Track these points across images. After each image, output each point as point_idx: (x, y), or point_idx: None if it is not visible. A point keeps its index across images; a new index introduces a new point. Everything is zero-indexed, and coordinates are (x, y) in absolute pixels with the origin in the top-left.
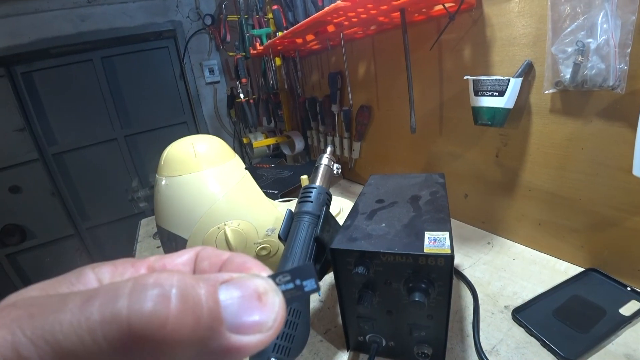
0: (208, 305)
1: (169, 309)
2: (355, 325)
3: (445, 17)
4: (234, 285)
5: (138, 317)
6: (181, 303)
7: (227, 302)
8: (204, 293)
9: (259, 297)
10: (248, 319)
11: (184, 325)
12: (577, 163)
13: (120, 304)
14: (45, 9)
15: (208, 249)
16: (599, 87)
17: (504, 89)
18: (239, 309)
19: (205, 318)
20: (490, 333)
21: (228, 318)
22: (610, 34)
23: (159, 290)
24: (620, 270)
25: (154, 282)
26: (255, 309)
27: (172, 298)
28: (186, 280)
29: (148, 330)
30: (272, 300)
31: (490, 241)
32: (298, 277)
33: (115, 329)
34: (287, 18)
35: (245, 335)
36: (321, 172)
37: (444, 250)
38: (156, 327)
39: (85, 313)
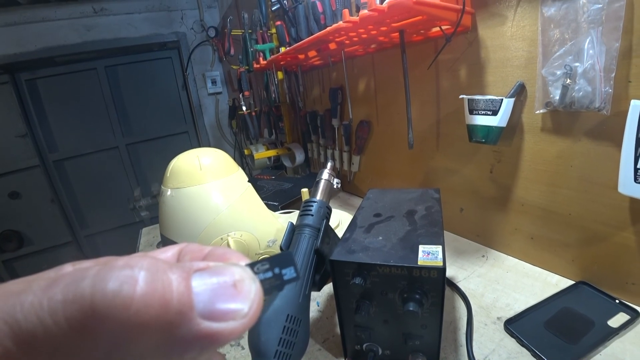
0: (178, 290)
1: (134, 290)
2: (352, 334)
3: (442, 38)
4: (209, 273)
5: (101, 296)
6: (148, 285)
7: (200, 289)
8: (175, 278)
9: (234, 284)
10: (221, 306)
11: (150, 307)
12: (567, 180)
13: (84, 284)
14: (52, 18)
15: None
16: (586, 108)
17: (497, 108)
18: (212, 296)
19: (175, 302)
20: (482, 343)
21: (200, 304)
22: (596, 59)
23: (126, 271)
24: (609, 284)
25: (122, 264)
26: (229, 296)
27: (139, 280)
28: (158, 264)
29: (111, 311)
30: (247, 288)
31: (485, 254)
32: (277, 265)
33: (77, 309)
34: (290, 34)
35: (218, 322)
36: (322, 187)
37: (436, 262)
38: (120, 308)
39: (49, 294)
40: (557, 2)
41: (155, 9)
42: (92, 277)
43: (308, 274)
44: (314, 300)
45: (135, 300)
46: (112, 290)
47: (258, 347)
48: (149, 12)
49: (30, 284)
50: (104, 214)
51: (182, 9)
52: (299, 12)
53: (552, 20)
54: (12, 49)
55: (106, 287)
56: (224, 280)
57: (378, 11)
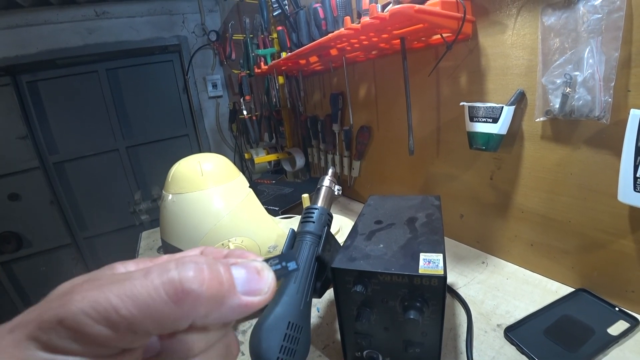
0: (226, 276)
1: (204, 274)
2: (353, 341)
3: (443, 45)
4: (241, 266)
5: (186, 278)
6: (210, 273)
7: (237, 275)
8: (222, 269)
9: (258, 272)
10: (252, 286)
11: (213, 286)
12: (567, 187)
13: (172, 272)
14: (54, 20)
15: (210, 247)
16: (585, 117)
17: (498, 116)
18: (246, 280)
19: (225, 283)
20: (482, 351)
21: (239, 285)
22: (596, 68)
23: (195, 264)
24: (609, 291)
25: (190, 260)
26: (256, 280)
27: (205, 269)
28: (210, 260)
29: (193, 287)
30: (267, 274)
31: (485, 260)
32: (284, 260)
33: (172, 287)
34: (291, 39)
35: (251, 297)
36: (323, 193)
37: (437, 271)
38: (198, 285)
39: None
40: (557, 12)
41: (157, 12)
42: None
43: (309, 281)
44: (314, 306)
45: (205, 280)
46: (192, 275)
47: (259, 354)
48: (150, 15)
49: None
50: (104, 217)
51: (183, 13)
52: (301, 17)
53: (552, 29)
54: (13, 51)
55: (188, 273)
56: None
57: (380, 19)
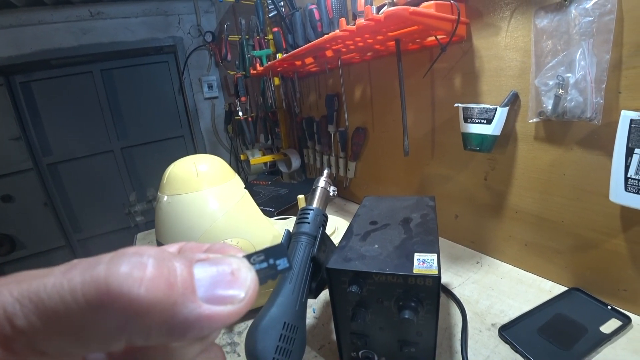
0: (182, 275)
1: (144, 272)
2: (348, 341)
3: (438, 47)
4: (209, 262)
5: (115, 277)
6: (156, 269)
7: (201, 276)
8: (179, 265)
9: (232, 272)
10: (220, 291)
11: (157, 288)
12: (560, 188)
13: (99, 268)
14: (48, 21)
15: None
16: (577, 118)
17: (492, 117)
18: (212, 283)
19: (179, 286)
20: (477, 350)
21: (201, 289)
22: (587, 70)
23: (136, 258)
24: (602, 290)
25: (133, 252)
26: (227, 283)
27: (148, 265)
28: (164, 253)
29: (123, 289)
30: (244, 276)
31: (480, 260)
32: (271, 256)
33: (93, 288)
34: (287, 40)
35: (217, 306)
36: (318, 195)
37: (431, 271)
38: (130, 287)
39: (68, 276)
40: (549, 14)
41: (152, 13)
42: (107, 262)
43: (304, 281)
44: (310, 306)
45: (144, 281)
46: (124, 272)
47: (255, 355)
48: (145, 16)
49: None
50: (98, 218)
51: (179, 14)
52: (296, 19)
53: (544, 32)
54: (7, 51)
55: (119, 269)
56: (223, 269)
57: (375, 21)
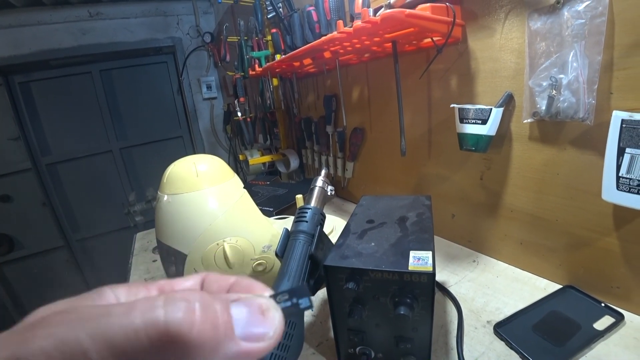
0: (223, 317)
1: (195, 316)
2: (346, 337)
3: (434, 49)
4: (242, 303)
5: (173, 321)
6: (203, 313)
7: (238, 316)
8: (219, 308)
9: (262, 312)
10: (254, 330)
11: (205, 330)
12: (554, 187)
13: (158, 312)
14: (47, 21)
15: (213, 274)
16: (570, 118)
17: (487, 118)
18: (247, 322)
19: (221, 326)
20: (473, 346)
21: (238, 328)
22: (580, 71)
23: (186, 303)
24: (595, 287)
25: (181, 297)
26: (259, 322)
27: (197, 309)
28: (205, 297)
29: (180, 332)
30: (272, 315)
31: (476, 259)
32: (295, 296)
33: (155, 330)
34: (285, 41)
35: (252, 343)
36: (316, 194)
37: (426, 268)
38: (186, 330)
39: (130, 318)
40: (542, 17)
41: (151, 13)
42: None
43: (302, 278)
44: None
45: (195, 324)
46: (180, 317)
47: None
48: (144, 17)
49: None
50: (97, 218)
51: (178, 14)
52: (295, 20)
53: (538, 34)
54: (6, 51)
55: (176, 314)
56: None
57: (371, 23)
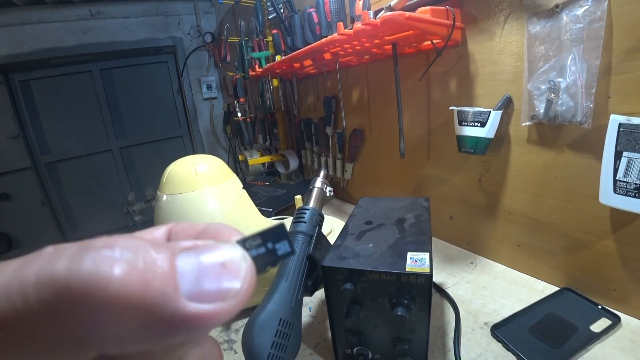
0: (162, 270)
1: (112, 269)
2: (343, 338)
3: (434, 51)
4: (196, 251)
5: (76, 277)
6: (128, 265)
7: (186, 269)
8: (160, 257)
9: (223, 263)
10: (209, 286)
11: (129, 288)
12: (552, 190)
13: (58, 264)
14: (48, 19)
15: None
16: (568, 121)
17: (486, 120)
18: (199, 276)
19: (158, 282)
20: (470, 348)
21: (185, 285)
22: (578, 75)
23: (105, 251)
24: (592, 290)
25: (102, 244)
26: (217, 275)
27: (119, 259)
28: (140, 244)
29: (87, 291)
30: (237, 267)
31: (474, 261)
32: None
33: (50, 290)
34: (285, 42)
35: (205, 304)
36: (315, 195)
37: (423, 269)
38: (96, 288)
39: (21, 274)
40: (542, 20)
41: (152, 13)
42: (68, 258)
43: (300, 279)
44: (306, 305)
45: (113, 280)
46: (88, 270)
47: (252, 350)
48: (145, 16)
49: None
50: (96, 217)
51: (179, 14)
52: (295, 21)
53: (537, 38)
54: (6, 49)
55: (82, 267)
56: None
57: (372, 25)
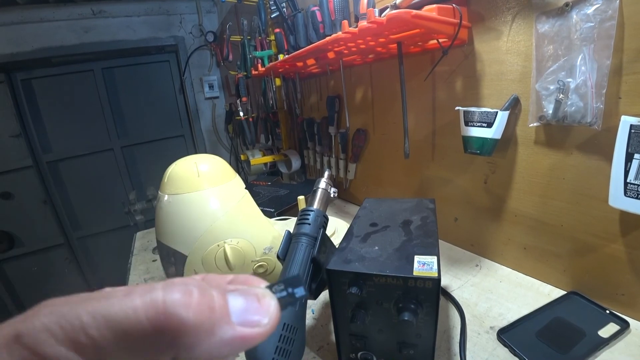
0: (219, 301)
1: (192, 298)
2: (347, 342)
3: (439, 50)
4: (239, 292)
5: (171, 301)
6: (200, 296)
7: (234, 303)
8: (216, 293)
9: (258, 300)
10: (250, 316)
11: (202, 311)
12: (559, 192)
13: (156, 293)
14: (50, 18)
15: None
16: (578, 123)
17: (492, 121)
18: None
19: (218, 310)
20: (476, 353)
21: (235, 314)
22: (588, 75)
23: (184, 286)
24: (600, 294)
25: (180, 281)
26: (255, 309)
27: (194, 292)
28: (202, 283)
29: (177, 311)
30: (268, 303)
31: (479, 263)
32: (290, 286)
33: (153, 309)
34: (288, 41)
35: (248, 328)
36: (319, 196)
37: (431, 273)
38: (183, 309)
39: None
40: (551, 19)
41: (154, 12)
42: (162, 289)
43: (305, 282)
44: (309, 307)
45: (192, 305)
46: (178, 297)
47: (255, 355)
48: (147, 15)
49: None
50: (97, 217)
51: (181, 13)
52: (298, 20)
53: (546, 37)
54: (8, 48)
55: (173, 295)
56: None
57: (377, 23)
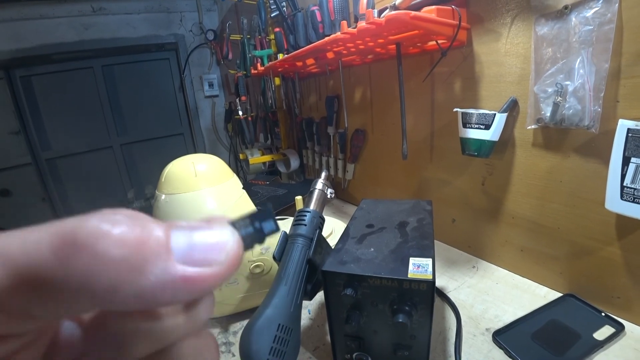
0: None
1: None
2: (342, 343)
3: (438, 52)
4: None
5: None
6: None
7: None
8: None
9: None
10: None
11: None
12: (556, 195)
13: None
14: (50, 15)
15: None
16: (575, 126)
17: (490, 123)
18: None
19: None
20: (471, 354)
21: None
22: (586, 78)
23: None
24: (596, 297)
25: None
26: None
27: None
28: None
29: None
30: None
31: (476, 265)
32: (256, 220)
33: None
34: (288, 41)
35: (195, 267)
36: (315, 197)
37: (426, 276)
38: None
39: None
40: (550, 22)
41: (154, 10)
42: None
43: (300, 283)
44: (305, 308)
45: (113, 234)
46: (93, 225)
47: (249, 355)
48: (148, 12)
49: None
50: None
51: (181, 11)
52: (298, 20)
53: (544, 39)
54: (8, 45)
55: (88, 223)
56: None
57: (376, 24)
